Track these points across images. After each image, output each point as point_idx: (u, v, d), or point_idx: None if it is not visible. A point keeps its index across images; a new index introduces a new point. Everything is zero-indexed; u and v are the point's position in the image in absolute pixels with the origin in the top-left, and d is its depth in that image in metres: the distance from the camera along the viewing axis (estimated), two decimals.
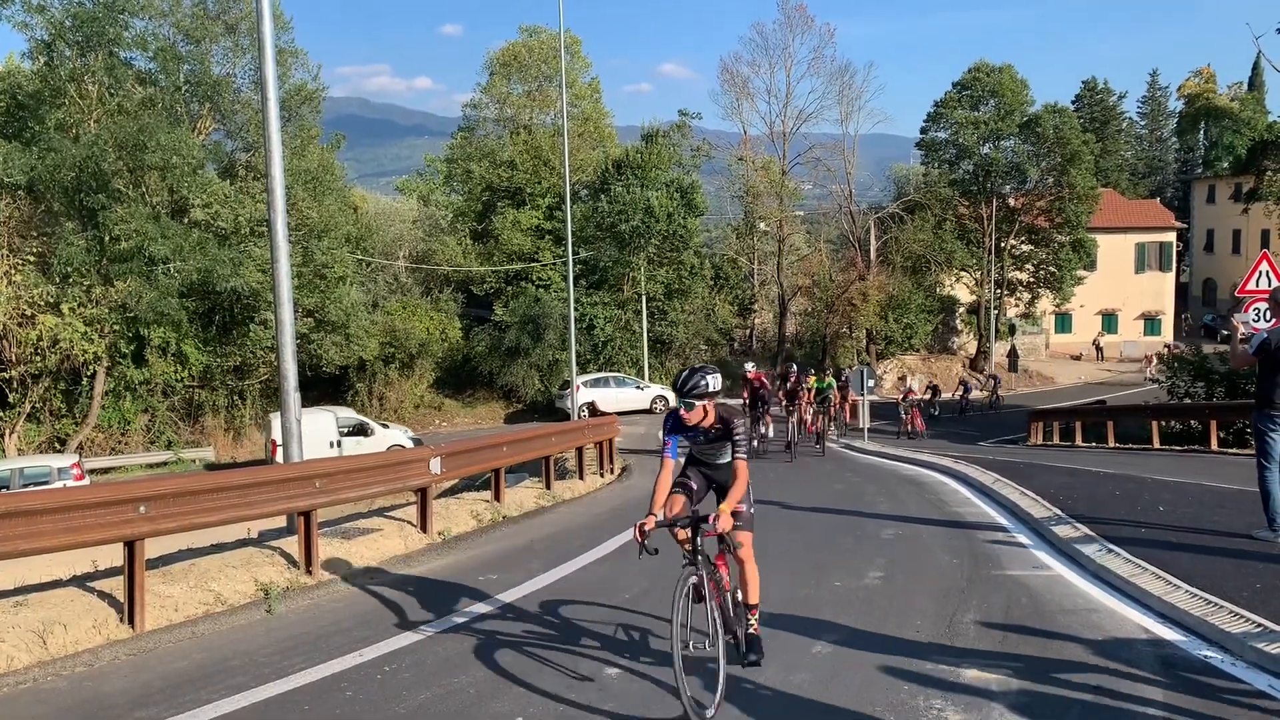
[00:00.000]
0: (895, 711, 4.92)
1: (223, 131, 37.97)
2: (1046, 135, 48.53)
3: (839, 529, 10.73)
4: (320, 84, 39.11)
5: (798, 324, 53.22)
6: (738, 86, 53.26)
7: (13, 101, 34.52)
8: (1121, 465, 15.69)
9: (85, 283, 31.26)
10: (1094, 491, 11.78)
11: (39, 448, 31.50)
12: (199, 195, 33.11)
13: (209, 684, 5.60)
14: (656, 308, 45.02)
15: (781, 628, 6.56)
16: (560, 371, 39.92)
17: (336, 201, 38.02)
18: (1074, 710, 4.94)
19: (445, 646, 6.40)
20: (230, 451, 34.55)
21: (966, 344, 54.49)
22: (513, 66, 49.88)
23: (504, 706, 5.19)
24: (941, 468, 16.56)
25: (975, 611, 6.93)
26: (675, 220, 43.66)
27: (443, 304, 44.80)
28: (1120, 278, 58.49)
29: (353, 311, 37.13)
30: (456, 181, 52.71)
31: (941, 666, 5.66)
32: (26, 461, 26.03)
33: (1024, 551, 9.19)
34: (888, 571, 8.38)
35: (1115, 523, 9.33)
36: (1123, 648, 5.97)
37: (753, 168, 52.87)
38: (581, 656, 6.05)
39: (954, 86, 51.70)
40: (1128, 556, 7.84)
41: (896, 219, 51.62)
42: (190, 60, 35.58)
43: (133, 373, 33.17)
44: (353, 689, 5.55)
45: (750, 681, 5.45)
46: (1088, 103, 75.85)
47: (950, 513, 11.82)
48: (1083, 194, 49.36)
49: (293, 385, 9.90)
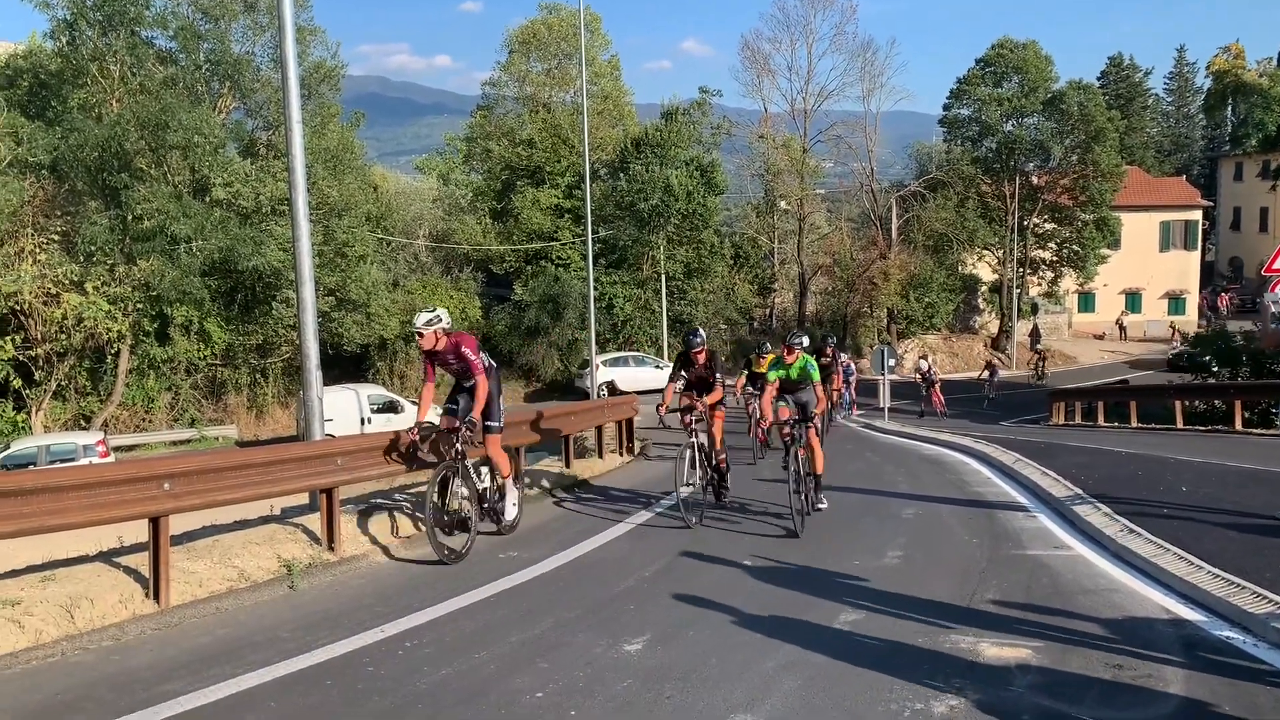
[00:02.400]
0: (914, 690, 4.93)
1: (243, 110, 38.05)
2: (1071, 112, 48.01)
3: (859, 508, 10.73)
4: (340, 62, 39.11)
5: (818, 303, 53.00)
6: (759, 63, 52.97)
7: (36, 81, 34.74)
8: (1144, 445, 15.59)
9: (109, 261, 31.49)
10: (1116, 472, 11.72)
11: (65, 425, 31.85)
12: (220, 174, 33.25)
13: (233, 659, 5.66)
14: (676, 287, 44.94)
15: (803, 607, 6.58)
16: (579, 350, 39.97)
17: (357, 180, 38.10)
18: (1094, 690, 4.93)
19: (466, 623, 6.45)
20: (253, 429, 34.81)
21: (988, 323, 54.16)
22: (532, 44, 49.71)
23: (525, 682, 5.23)
24: (962, 447, 16.51)
25: (995, 590, 6.92)
26: (695, 199, 43.53)
27: (462, 283, 44.90)
28: (1145, 256, 57.84)
29: (373, 290, 37.28)
30: (476, 160, 52.70)
31: (961, 645, 5.66)
32: (53, 439, 26.34)
33: (1045, 531, 9.16)
34: (907, 551, 8.38)
35: (1137, 503, 9.28)
36: (1144, 628, 5.95)
37: (773, 145, 52.55)
38: (602, 632, 6.08)
39: (977, 63, 51.22)
40: (1149, 537, 7.80)
41: (918, 197, 51.27)
42: (210, 39, 35.62)
43: (156, 351, 33.43)
44: (375, 664, 5.60)
45: (772, 659, 5.48)
46: (1113, 79, 74.94)
47: (971, 492, 11.79)
48: (1107, 171, 48.85)
49: (314, 363, 9.93)
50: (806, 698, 4.92)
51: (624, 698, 4.98)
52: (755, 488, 11.97)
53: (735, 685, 5.10)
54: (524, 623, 6.36)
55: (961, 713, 4.67)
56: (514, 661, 5.59)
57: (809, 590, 7.01)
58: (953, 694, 4.87)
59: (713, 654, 5.62)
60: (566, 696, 5.00)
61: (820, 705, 4.82)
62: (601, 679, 5.25)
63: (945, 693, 4.89)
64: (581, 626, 6.27)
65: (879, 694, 4.91)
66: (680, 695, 4.98)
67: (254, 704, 4.99)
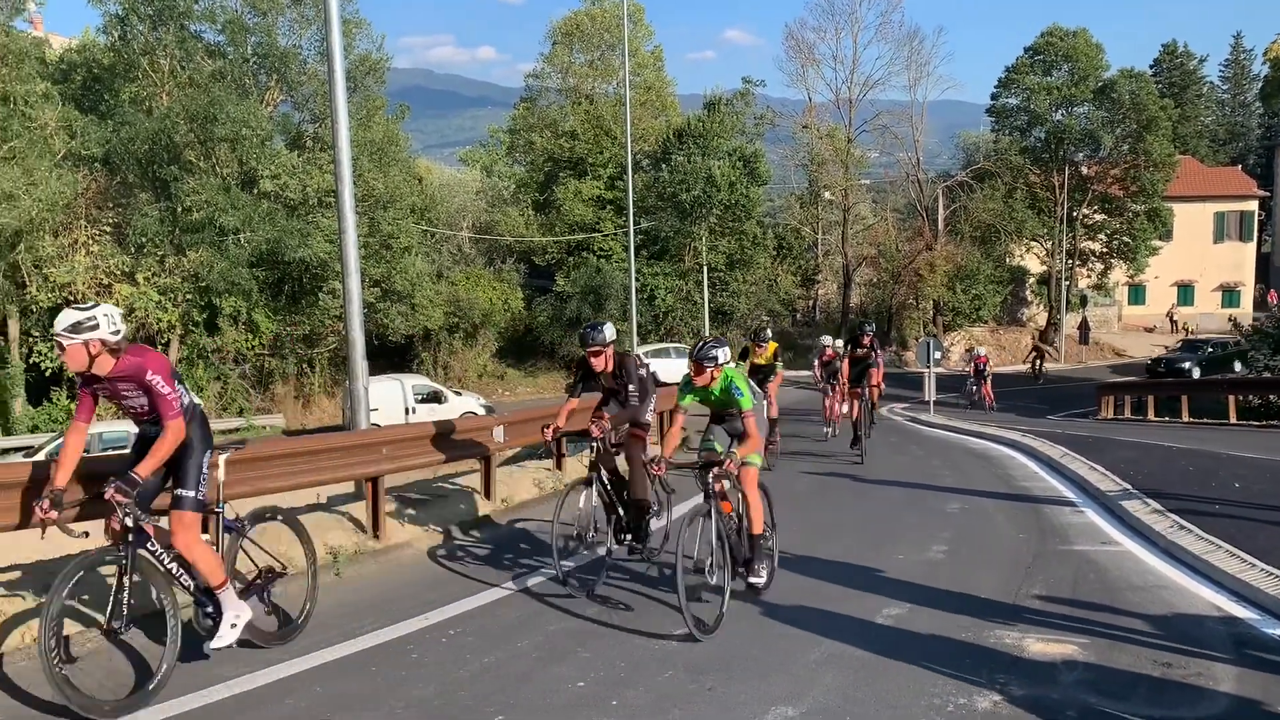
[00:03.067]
0: (957, 685, 4.89)
1: (290, 103, 38.43)
2: (1122, 101, 47.14)
3: (903, 502, 10.65)
4: (385, 55, 39.32)
5: (862, 295, 52.59)
6: (803, 53, 52.55)
7: (89, 75, 35.35)
8: (1196, 440, 15.31)
9: (159, 253, 32.03)
10: (1166, 467, 11.53)
11: (116, 414, 32.43)
12: (267, 166, 33.65)
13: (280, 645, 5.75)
14: (718, 278, 44.82)
15: (845, 601, 6.54)
16: (621, 342, 39.91)
17: (402, 172, 38.37)
18: (1142, 687, 4.86)
19: (508, 611, 6.49)
20: (300, 419, 35.25)
21: (1036, 315, 53.44)
22: (575, 36, 49.73)
23: (566, 670, 5.26)
24: (1009, 441, 16.33)
25: (1041, 586, 6.85)
26: (737, 189, 43.36)
27: (505, 274, 45.14)
28: (1198, 248, 56.70)
29: (418, 281, 37.58)
30: (519, 152, 52.87)
31: (1006, 640, 5.61)
32: (105, 427, 26.81)
33: (1092, 526, 9.04)
34: (952, 545, 8.31)
35: (1187, 498, 9.13)
36: (1193, 625, 5.85)
37: (818, 135, 52.18)
38: (645, 621, 6.10)
39: (1026, 51, 50.45)
40: (1200, 533, 7.67)
41: (965, 187, 50.63)
42: (257, 32, 36.01)
43: (205, 341, 33.96)
44: (419, 651, 5.66)
45: (813, 652, 5.46)
46: (1167, 67, 73.42)
47: (1017, 487, 11.66)
48: (1159, 161, 47.91)
49: (360, 353, 10.05)
50: (848, 691, 4.90)
51: (665, 688, 4.99)
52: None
53: (777, 677, 5.09)
54: (564, 613, 6.39)
55: (1005, 708, 4.62)
56: (555, 650, 5.63)
57: (851, 584, 6.97)
58: (996, 689, 4.83)
59: (754, 646, 5.61)
60: (608, 686, 5.02)
61: (862, 698, 4.80)
62: (643, 669, 5.27)
63: (989, 688, 4.85)
64: (622, 617, 6.28)
65: (922, 688, 4.88)
66: (722, 686, 4.98)
67: (299, 688, 5.06)
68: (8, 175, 28.07)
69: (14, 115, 29.68)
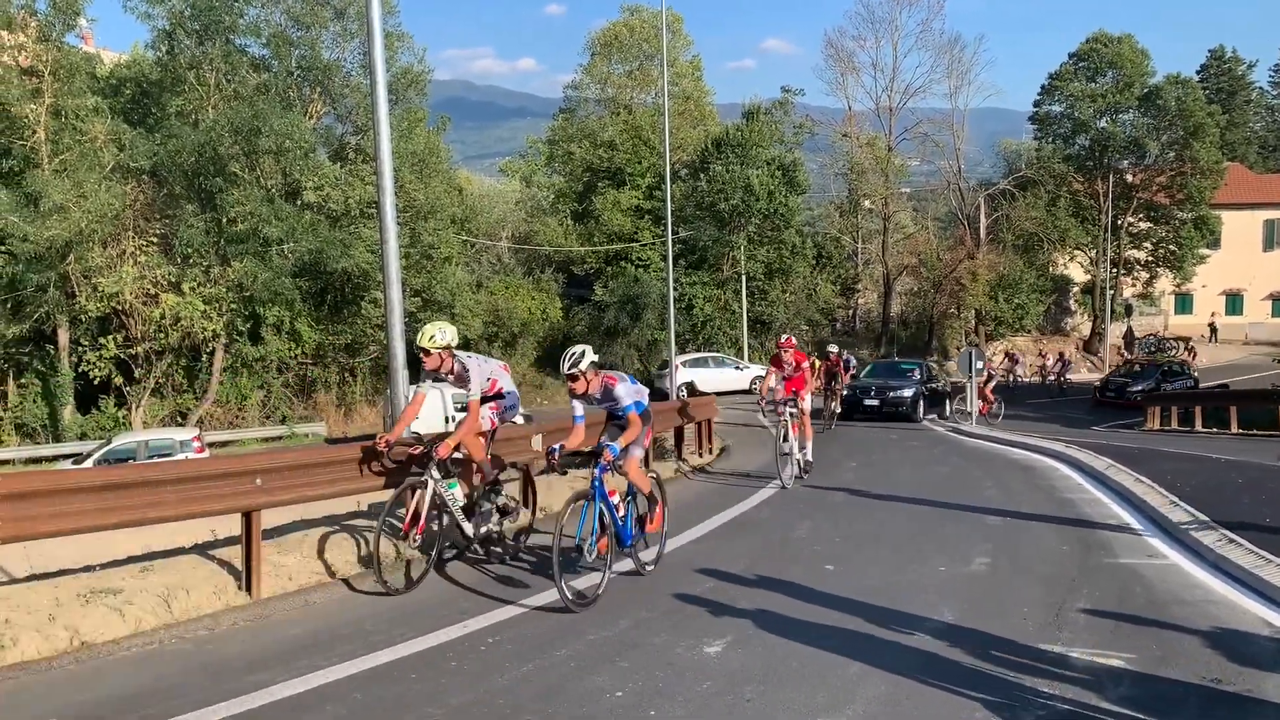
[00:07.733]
0: (1004, 697, 4.82)
1: (333, 115, 38.90)
2: (1168, 108, 46.51)
3: (944, 513, 10.54)
4: (426, 67, 39.71)
5: (903, 304, 52.23)
6: (842, 61, 52.48)
7: (138, 89, 36.03)
8: (1245, 452, 15.03)
9: (204, 263, 32.52)
10: (1214, 479, 11.32)
11: (162, 421, 32.95)
12: (310, 178, 34.06)
13: (321, 651, 5.80)
14: (756, 287, 44.71)
15: (885, 612, 6.48)
16: (659, 351, 39.99)
17: (442, 183, 38.69)
18: (1190, 702, 4.77)
19: (547, 620, 6.50)
20: (341, 427, 35.59)
21: (1080, 325, 52.79)
22: (614, 46, 49.95)
23: (603, 681, 5.25)
24: (1052, 452, 16.11)
25: (1086, 600, 6.74)
26: (776, 198, 43.26)
27: (544, 284, 45.32)
28: (1247, 256, 55.69)
29: (458, 291, 37.83)
30: (558, 162, 53.13)
31: (1051, 653, 5.53)
32: (151, 434, 27.23)
33: (1138, 540, 8.89)
34: (994, 557, 8.21)
35: (1237, 511, 8.95)
36: (1243, 641, 5.73)
37: (857, 144, 51.97)
38: (682, 633, 6.07)
39: (1070, 58, 50.00)
40: (1250, 547, 7.52)
41: (1007, 195, 50.16)
42: (301, 46, 36.51)
43: (249, 350, 34.41)
44: (458, 659, 5.68)
45: (853, 664, 5.42)
46: (1214, 72, 72.37)
47: (1061, 498, 11.49)
48: (1206, 168, 47.19)
49: (401, 363, 10.12)
50: (889, 704, 4.85)
51: (703, 699, 4.96)
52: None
53: (816, 690, 5.05)
54: (602, 622, 6.39)
55: None
56: (593, 660, 5.62)
57: (891, 595, 6.91)
58: (1040, 704, 4.76)
59: (793, 658, 5.57)
60: (646, 697, 5.01)
61: (903, 712, 4.75)
62: (681, 679, 5.25)
63: (1034, 702, 4.78)
64: (660, 627, 6.27)
65: (963, 701, 4.82)
66: (760, 699, 4.95)
67: (339, 695, 5.10)
68: (59, 187, 28.68)
69: (65, 129, 30.35)
